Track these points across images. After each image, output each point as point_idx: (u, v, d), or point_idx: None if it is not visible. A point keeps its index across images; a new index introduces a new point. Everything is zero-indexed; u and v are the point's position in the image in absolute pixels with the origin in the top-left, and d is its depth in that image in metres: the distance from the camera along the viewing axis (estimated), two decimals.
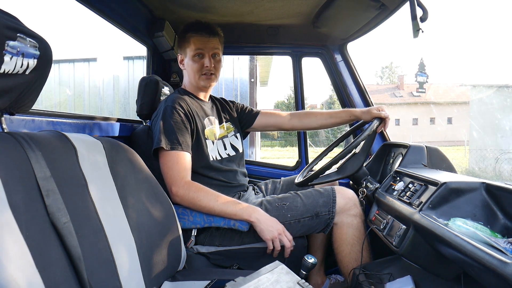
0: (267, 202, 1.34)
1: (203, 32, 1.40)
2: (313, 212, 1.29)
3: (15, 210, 0.59)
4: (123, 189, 0.90)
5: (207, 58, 1.41)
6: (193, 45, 1.40)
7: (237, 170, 1.50)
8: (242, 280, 0.78)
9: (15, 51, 0.63)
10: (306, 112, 1.68)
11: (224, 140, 1.51)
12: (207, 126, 1.44)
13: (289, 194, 1.36)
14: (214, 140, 1.45)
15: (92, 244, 0.75)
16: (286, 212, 1.29)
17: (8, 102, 0.70)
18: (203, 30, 1.40)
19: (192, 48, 1.40)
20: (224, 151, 1.49)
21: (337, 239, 1.31)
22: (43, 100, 5.71)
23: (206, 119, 1.46)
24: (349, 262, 1.29)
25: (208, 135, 1.43)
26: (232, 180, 1.44)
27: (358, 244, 1.29)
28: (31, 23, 0.71)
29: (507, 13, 69.50)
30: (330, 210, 1.28)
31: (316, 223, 1.30)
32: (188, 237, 1.29)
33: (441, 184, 0.94)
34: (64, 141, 0.81)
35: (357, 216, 1.31)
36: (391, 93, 27.50)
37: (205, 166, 1.39)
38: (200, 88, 1.48)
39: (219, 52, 1.45)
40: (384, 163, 1.63)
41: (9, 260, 0.55)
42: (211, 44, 1.41)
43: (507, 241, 0.69)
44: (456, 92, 24.38)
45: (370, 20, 1.53)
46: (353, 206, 1.31)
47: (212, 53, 1.42)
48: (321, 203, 1.30)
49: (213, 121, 1.49)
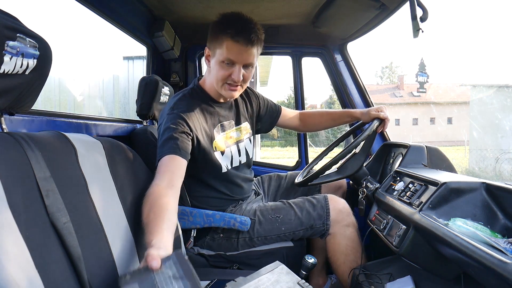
0: (260, 212, 1.31)
1: (240, 39, 1.15)
2: (307, 225, 1.28)
3: (14, 210, 0.59)
4: (123, 189, 0.90)
5: (237, 69, 1.19)
6: (226, 50, 1.17)
7: (247, 177, 1.44)
8: (242, 280, 0.78)
9: (14, 51, 0.63)
10: (312, 114, 1.66)
11: (239, 145, 1.40)
12: (217, 137, 1.31)
13: (282, 205, 1.33)
14: (225, 148, 1.33)
15: (92, 244, 0.75)
16: (280, 225, 1.28)
17: (8, 102, 0.70)
18: (242, 36, 1.15)
19: (223, 53, 1.17)
20: (238, 158, 1.38)
21: (331, 249, 1.30)
22: (43, 100, 5.71)
23: (218, 126, 1.33)
24: (344, 271, 1.27)
25: (218, 146, 1.31)
26: (236, 194, 1.38)
27: (352, 254, 1.27)
28: (31, 23, 0.71)
29: (507, 13, 69.56)
30: (324, 223, 1.27)
31: (311, 233, 1.29)
32: (187, 238, 1.29)
33: (441, 184, 0.94)
34: (64, 141, 0.81)
35: (350, 225, 1.29)
36: (391, 93, 27.49)
37: (215, 176, 1.32)
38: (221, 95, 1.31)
39: (253, 63, 1.23)
40: (384, 163, 1.63)
41: (9, 260, 0.55)
42: (246, 55, 1.18)
43: (507, 241, 0.69)
44: (456, 92, 24.36)
45: (370, 20, 1.53)
46: (345, 216, 1.29)
47: (244, 64, 1.21)
48: (315, 215, 1.28)
49: (227, 126, 1.36)
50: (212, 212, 1.28)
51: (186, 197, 1.33)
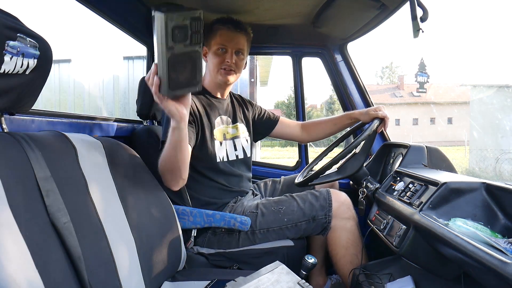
0: (262, 205, 1.33)
1: (230, 26, 1.37)
2: (310, 216, 1.28)
3: (15, 210, 0.59)
4: (123, 189, 0.90)
5: (230, 53, 1.37)
6: (219, 38, 1.37)
7: (243, 174, 1.47)
8: (242, 280, 0.78)
9: (15, 51, 0.63)
10: (313, 123, 1.68)
11: (235, 141, 1.47)
12: (217, 126, 1.40)
13: (285, 198, 1.35)
14: (223, 140, 1.42)
15: (92, 244, 0.75)
16: (282, 216, 1.29)
17: (8, 102, 0.70)
18: (231, 23, 1.37)
19: (217, 41, 1.37)
20: (233, 152, 1.45)
21: (332, 242, 1.31)
22: (42, 100, 5.71)
23: (218, 118, 1.42)
24: (344, 265, 1.28)
25: (217, 135, 1.40)
26: (234, 185, 1.42)
27: (353, 247, 1.28)
28: (31, 23, 0.71)
29: (507, 13, 69.56)
30: (326, 214, 1.28)
31: (313, 226, 1.29)
32: (188, 237, 1.29)
33: (441, 184, 0.94)
34: (64, 141, 0.81)
35: (351, 219, 1.30)
36: (391, 93, 27.50)
37: (210, 167, 1.37)
38: (218, 85, 1.43)
39: (243, 51, 1.41)
40: (384, 163, 1.63)
41: (9, 260, 0.55)
42: (236, 39, 1.37)
43: (507, 241, 0.69)
44: (456, 92, 24.37)
45: (370, 20, 1.53)
46: (346, 209, 1.30)
47: (236, 49, 1.38)
48: (317, 207, 1.29)
49: (225, 121, 1.45)
50: (212, 212, 1.28)
51: (186, 195, 1.34)
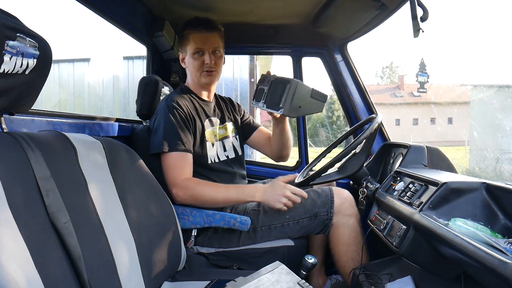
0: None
1: (201, 28, 1.38)
2: (311, 213, 1.29)
3: (14, 210, 0.59)
4: (123, 189, 0.90)
5: (207, 55, 1.39)
6: (193, 43, 1.39)
7: (236, 172, 1.49)
8: (242, 280, 0.78)
9: (14, 51, 0.63)
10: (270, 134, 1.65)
11: (224, 141, 1.50)
12: (207, 128, 1.43)
13: None
14: (214, 142, 1.45)
15: (92, 244, 0.75)
16: (284, 213, 1.29)
17: (8, 102, 0.70)
18: (202, 26, 1.38)
19: (192, 46, 1.39)
20: (223, 153, 1.48)
21: (333, 239, 1.31)
22: (42, 100, 5.72)
23: (207, 120, 1.45)
24: (345, 262, 1.29)
25: (209, 137, 1.43)
26: (227, 183, 1.42)
27: (354, 244, 1.28)
28: (31, 23, 0.71)
29: (507, 13, 69.54)
30: (328, 211, 1.28)
31: (315, 224, 1.29)
32: (188, 237, 1.28)
33: (441, 184, 0.94)
34: (64, 141, 0.81)
35: (353, 216, 1.31)
36: (391, 93, 27.46)
37: (203, 167, 1.40)
38: (202, 86, 1.47)
39: (219, 48, 1.42)
40: (384, 163, 1.63)
41: (9, 260, 0.55)
42: (210, 40, 1.39)
43: (508, 241, 0.69)
44: (456, 92, 24.33)
45: (370, 20, 1.53)
46: (348, 206, 1.31)
47: (212, 49, 1.40)
48: (319, 203, 1.29)
49: (214, 122, 1.48)
50: (212, 212, 1.28)
51: None
